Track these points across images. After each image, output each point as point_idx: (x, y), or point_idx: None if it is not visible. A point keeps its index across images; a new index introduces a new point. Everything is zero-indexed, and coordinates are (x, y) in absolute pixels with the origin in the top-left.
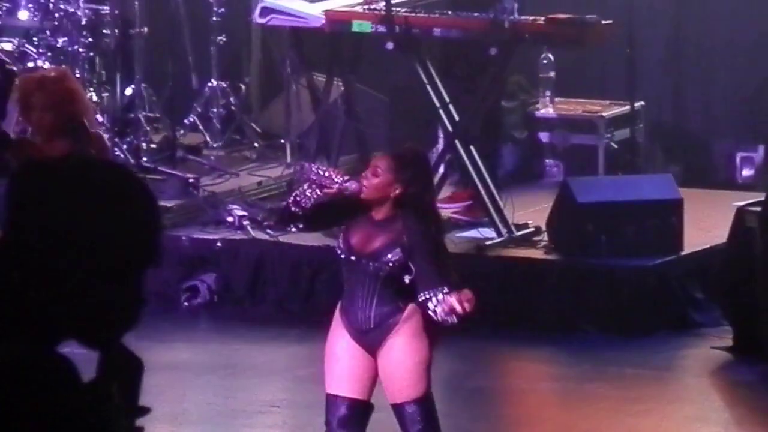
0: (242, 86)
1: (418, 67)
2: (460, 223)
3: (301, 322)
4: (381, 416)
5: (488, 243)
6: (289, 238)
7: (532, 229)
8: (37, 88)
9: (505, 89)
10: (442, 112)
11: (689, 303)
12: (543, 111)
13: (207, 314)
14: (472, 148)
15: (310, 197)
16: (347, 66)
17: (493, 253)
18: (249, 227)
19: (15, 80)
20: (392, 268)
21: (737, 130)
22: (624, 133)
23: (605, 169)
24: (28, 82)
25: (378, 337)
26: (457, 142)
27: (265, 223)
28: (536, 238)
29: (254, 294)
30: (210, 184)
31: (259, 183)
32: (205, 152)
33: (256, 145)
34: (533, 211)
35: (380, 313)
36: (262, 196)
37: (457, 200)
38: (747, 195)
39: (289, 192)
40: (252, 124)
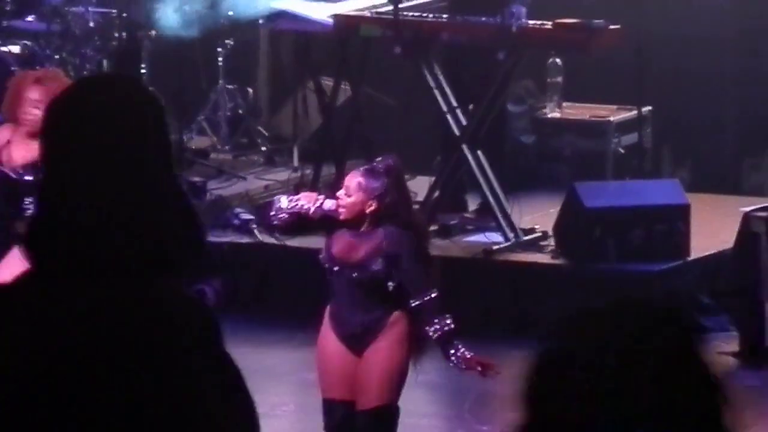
0: (250, 90)
1: (426, 72)
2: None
3: (308, 325)
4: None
5: (495, 248)
6: (295, 242)
7: (539, 234)
8: (34, 83)
9: (510, 94)
10: (449, 117)
11: (696, 308)
12: (551, 115)
13: None
14: (479, 152)
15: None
16: (355, 70)
17: (500, 258)
18: (256, 231)
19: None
20: (375, 277)
21: (744, 136)
22: (632, 137)
23: (613, 173)
24: (24, 77)
25: (365, 341)
26: (464, 147)
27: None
28: (543, 242)
29: (261, 297)
30: (217, 188)
31: (267, 187)
32: (213, 156)
33: (263, 148)
34: (540, 215)
35: (366, 319)
36: (270, 199)
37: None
38: (754, 200)
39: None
40: (259, 127)
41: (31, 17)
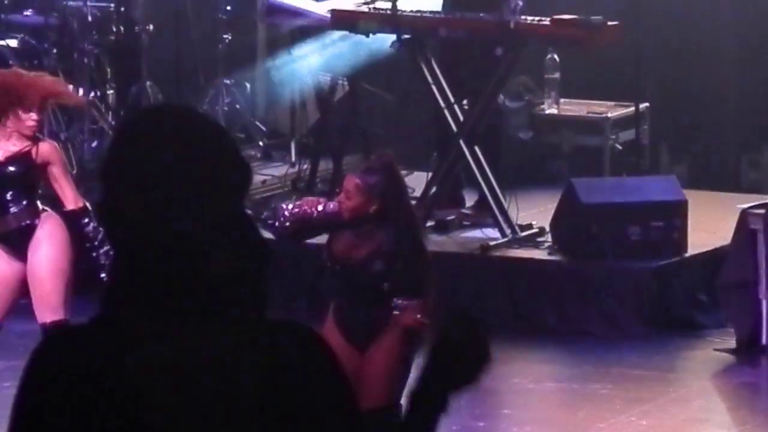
0: (248, 84)
1: (424, 67)
2: (465, 223)
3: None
4: None
5: (492, 243)
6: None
7: (536, 230)
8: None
9: (508, 90)
10: (447, 113)
11: (693, 305)
12: (548, 112)
13: None
14: (476, 148)
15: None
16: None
17: (497, 254)
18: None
19: None
20: (376, 276)
21: (742, 132)
22: (629, 134)
23: (610, 170)
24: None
25: (368, 339)
26: (462, 143)
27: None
28: (540, 238)
29: None
30: None
31: (264, 182)
32: None
33: (260, 143)
34: (537, 211)
35: (368, 318)
36: (267, 194)
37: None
38: (751, 197)
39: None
40: (257, 122)
41: (28, 11)
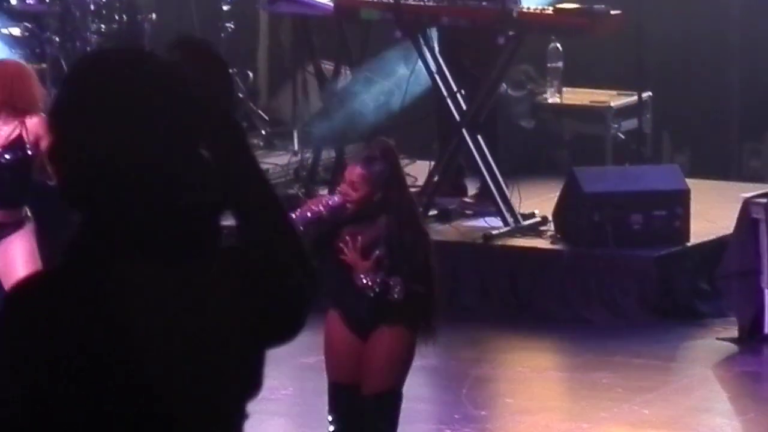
0: (250, 73)
1: (426, 56)
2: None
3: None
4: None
5: (495, 232)
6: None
7: (538, 219)
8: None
9: (510, 78)
10: (449, 101)
11: (695, 294)
12: (551, 101)
13: None
14: (479, 137)
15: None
16: (355, 54)
17: (499, 243)
18: None
19: None
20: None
21: (745, 121)
22: (631, 123)
23: (612, 159)
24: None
25: (371, 326)
26: (464, 131)
27: None
28: (543, 227)
29: None
30: None
31: (266, 171)
32: None
33: (263, 132)
34: (540, 200)
35: (370, 305)
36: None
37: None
38: (754, 186)
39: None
40: (259, 111)
41: None
